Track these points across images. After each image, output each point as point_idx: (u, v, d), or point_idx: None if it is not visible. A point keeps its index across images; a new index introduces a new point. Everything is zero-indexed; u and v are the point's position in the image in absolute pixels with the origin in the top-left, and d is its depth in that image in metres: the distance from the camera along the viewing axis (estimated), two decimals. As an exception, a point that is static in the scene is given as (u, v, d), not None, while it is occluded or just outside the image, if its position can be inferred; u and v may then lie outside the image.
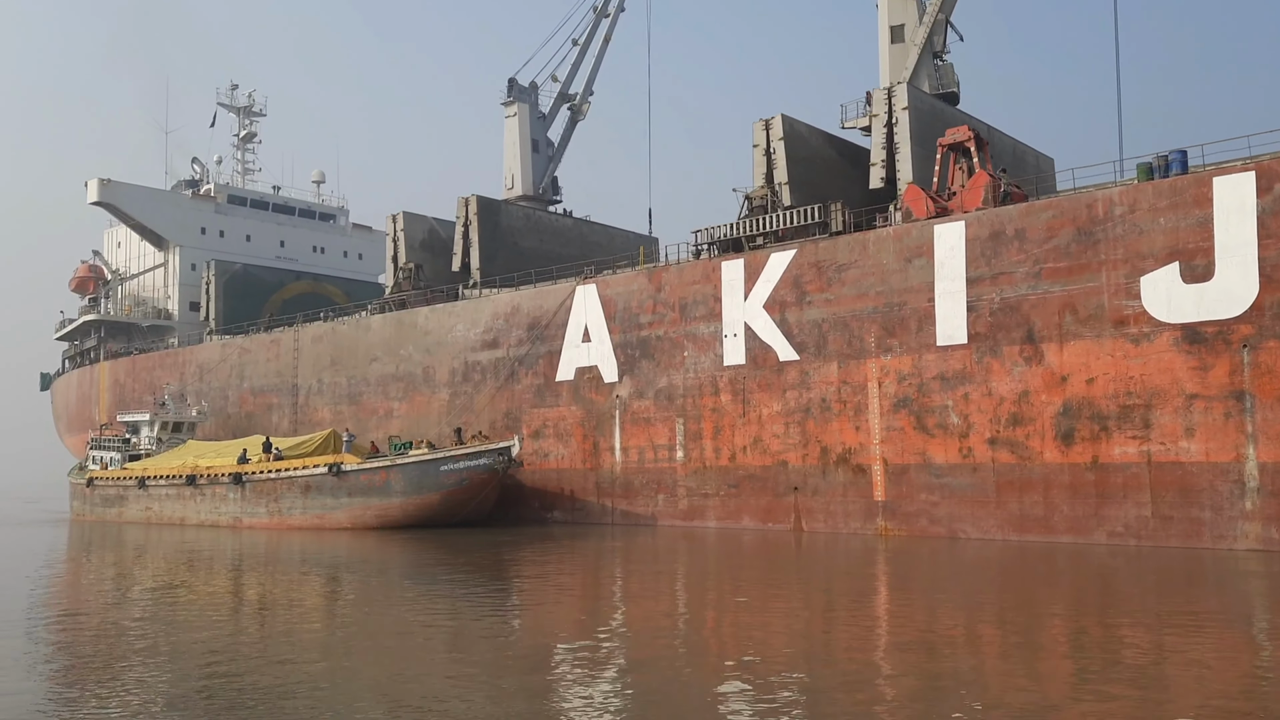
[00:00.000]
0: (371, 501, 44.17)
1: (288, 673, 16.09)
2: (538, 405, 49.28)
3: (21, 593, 27.34)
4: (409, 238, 63.02)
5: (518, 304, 50.69)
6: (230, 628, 21.25)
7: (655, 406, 44.67)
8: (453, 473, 43.34)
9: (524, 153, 67.50)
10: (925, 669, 16.11)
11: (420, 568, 32.94)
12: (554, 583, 29.05)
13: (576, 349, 47.86)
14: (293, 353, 61.53)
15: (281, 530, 45.50)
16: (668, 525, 43.64)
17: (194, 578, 31.01)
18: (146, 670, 16.56)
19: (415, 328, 55.41)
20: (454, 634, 20.25)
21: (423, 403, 54.43)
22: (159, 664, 17.10)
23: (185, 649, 18.29)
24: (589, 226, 69.65)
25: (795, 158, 46.40)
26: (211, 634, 20.05)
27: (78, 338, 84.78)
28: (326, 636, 20.11)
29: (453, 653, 18.09)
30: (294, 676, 15.80)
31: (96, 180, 77.65)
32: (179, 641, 19.21)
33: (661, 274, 45.11)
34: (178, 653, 17.99)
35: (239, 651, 18.06)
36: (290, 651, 18.03)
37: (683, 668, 16.43)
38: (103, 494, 55.18)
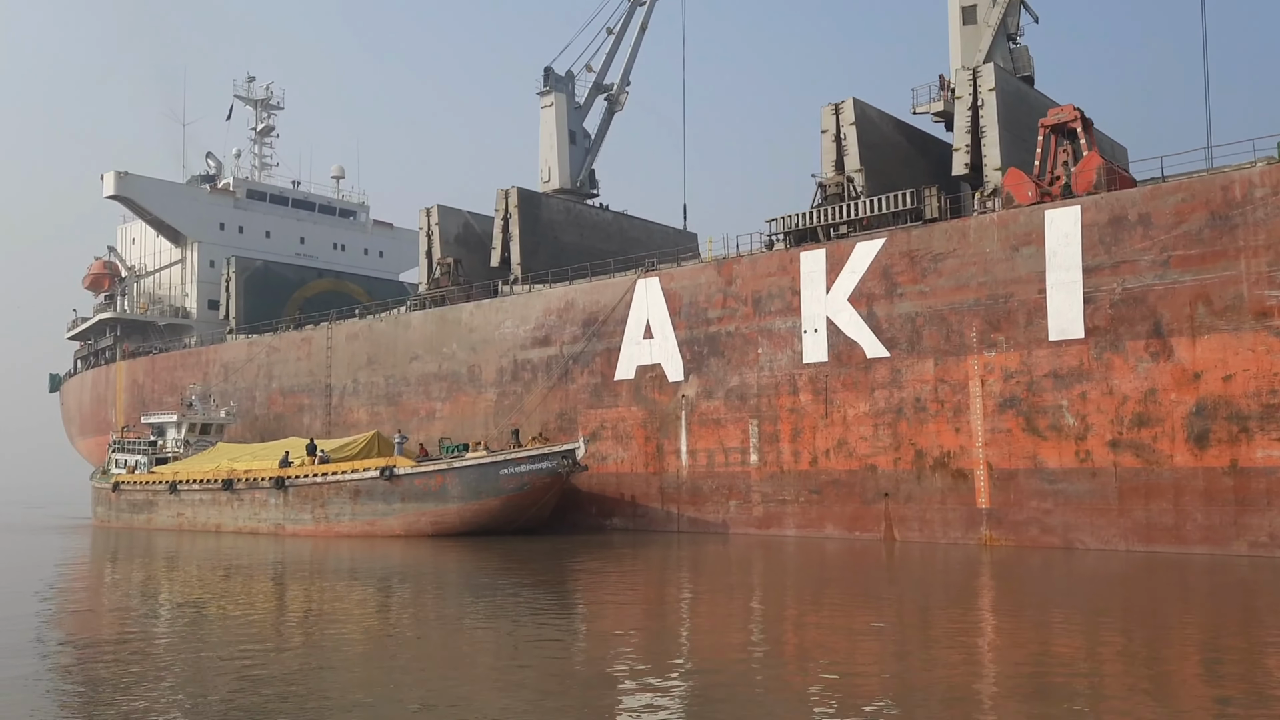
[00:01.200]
0: (426, 507, 41.46)
1: (332, 693, 15.00)
2: (594, 405, 46.61)
3: (52, 604, 24.67)
4: (444, 232, 60.29)
5: (572, 299, 48.04)
6: (272, 643, 19.47)
7: (726, 407, 42.04)
8: (513, 476, 40.66)
9: (561, 144, 64.81)
10: (1037, 697, 14.38)
11: (478, 578, 30.47)
12: (620, 595, 26.76)
13: (637, 346, 45.22)
14: (325, 351, 58.79)
15: (328, 538, 42.76)
16: (740, 533, 41.00)
17: (232, 588, 28.59)
18: (181, 692, 15.13)
19: (459, 324, 52.73)
20: (513, 652, 18.50)
21: (467, 403, 51.73)
22: (194, 682, 15.82)
23: (222, 667, 16.95)
24: (629, 221, 67.03)
25: (866, 144, 43.88)
26: (250, 649, 18.58)
27: (91, 337, 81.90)
28: (376, 653, 18.45)
29: (510, 674, 16.59)
30: (338, 697, 14.70)
31: (113, 173, 74.88)
32: (214, 658, 17.73)
33: (733, 266, 42.50)
34: (214, 669, 16.79)
35: (281, 669, 16.56)
36: (336, 670, 16.75)
37: (761, 690, 15.06)
38: (130, 499, 52.36)
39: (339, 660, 17.71)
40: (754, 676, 15.96)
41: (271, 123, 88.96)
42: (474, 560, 34.73)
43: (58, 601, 26.44)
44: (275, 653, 18.40)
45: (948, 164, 48.91)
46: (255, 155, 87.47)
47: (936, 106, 46.94)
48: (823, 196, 42.74)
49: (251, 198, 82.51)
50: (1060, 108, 37.17)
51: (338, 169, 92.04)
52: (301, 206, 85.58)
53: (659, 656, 17.82)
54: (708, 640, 19.88)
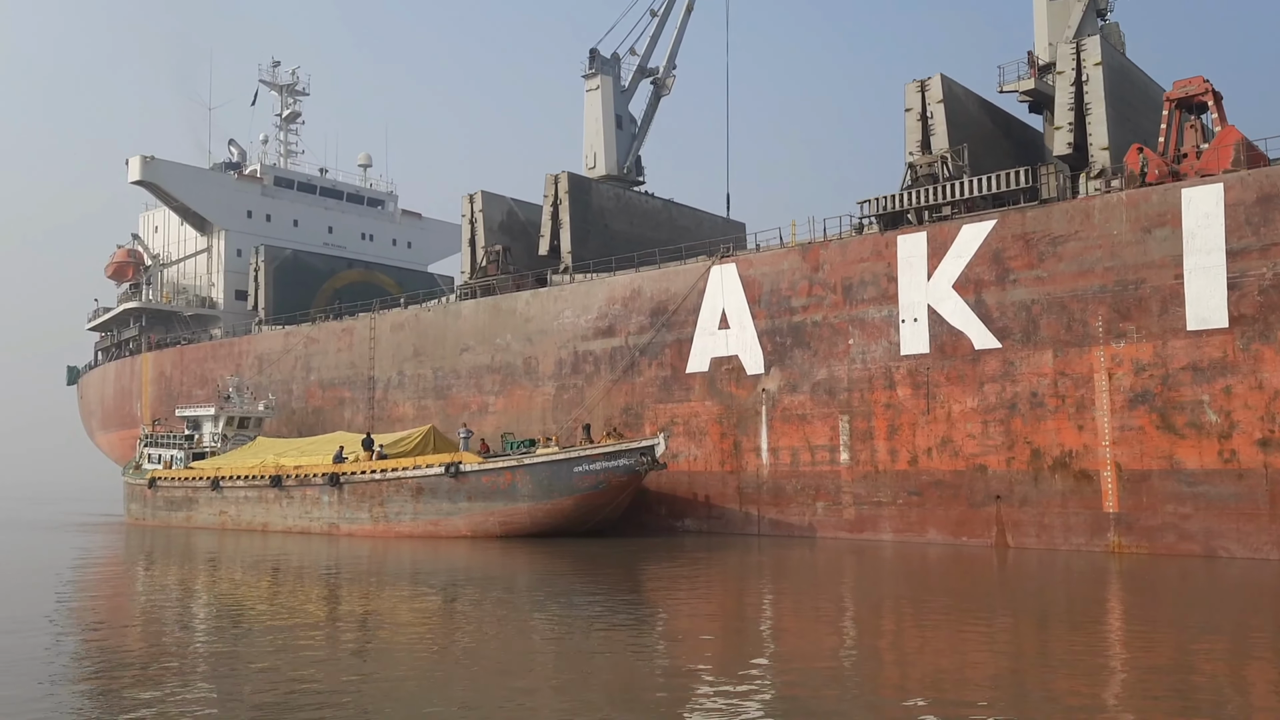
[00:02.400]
0: (495, 506, 38.80)
1: (386, 711, 13.47)
2: (664, 400, 43.95)
3: (88, 609, 22.02)
4: (488, 219, 57.66)
5: (639, 286, 45.37)
6: (323, 651, 17.81)
7: (812, 401, 39.39)
8: (588, 474, 37.99)
9: (607, 129, 62.12)
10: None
11: (550, 585, 28.00)
12: (703, 605, 24.50)
13: (712, 337, 42.55)
14: (368, 342, 56.12)
15: (387, 538, 40.12)
16: (829, 537, 38.35)
17: (280, 593, 26.21)
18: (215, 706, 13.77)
19: (515, 314, 50.06)
20: (584, 664, 16.77)
21: (523, 397, 49.07)
22: (231, 698, 14.26)
23: (264, 677, 15.54)
24: (678, 209, 64.45)
25: (954, 123, 41.29)
26: (303, 657, 17.02)
27: (114, 328, 79.21)
28: (441, 663, 16.83)
29: (578, 690, 14.90)
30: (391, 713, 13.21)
31: (139, 158, 72.20)
32: (254, 670, 16.17)
33: (819, 251, 39.83)
34: (255, 680, 15.36)
35: (328, 684, 14.93)
36: (392, 684, 14.99)
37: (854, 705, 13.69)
38: (167, 496, 49.70)
39: (396, 674, 15.67)
40: (847, 694, 14.39)
41: (297, 109, 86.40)
42: (544, 564, 32.29)
43: (93, 605, 23.81)
44: (326, 662, 16.71)
45: (1032, 146, 46.40)
46: (281, 142, 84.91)
47: (1026, 84, 44.36)
48: (913, 177, 40.08)
49: (279, 185, 79.93)
50: (1188, 80, 34.51)
51: (365, 157, 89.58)
52: (329, 195, 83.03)
53: (744, 670, 16.04)
54: (797, 651, 17.99)
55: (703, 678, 15.56)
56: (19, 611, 22.68)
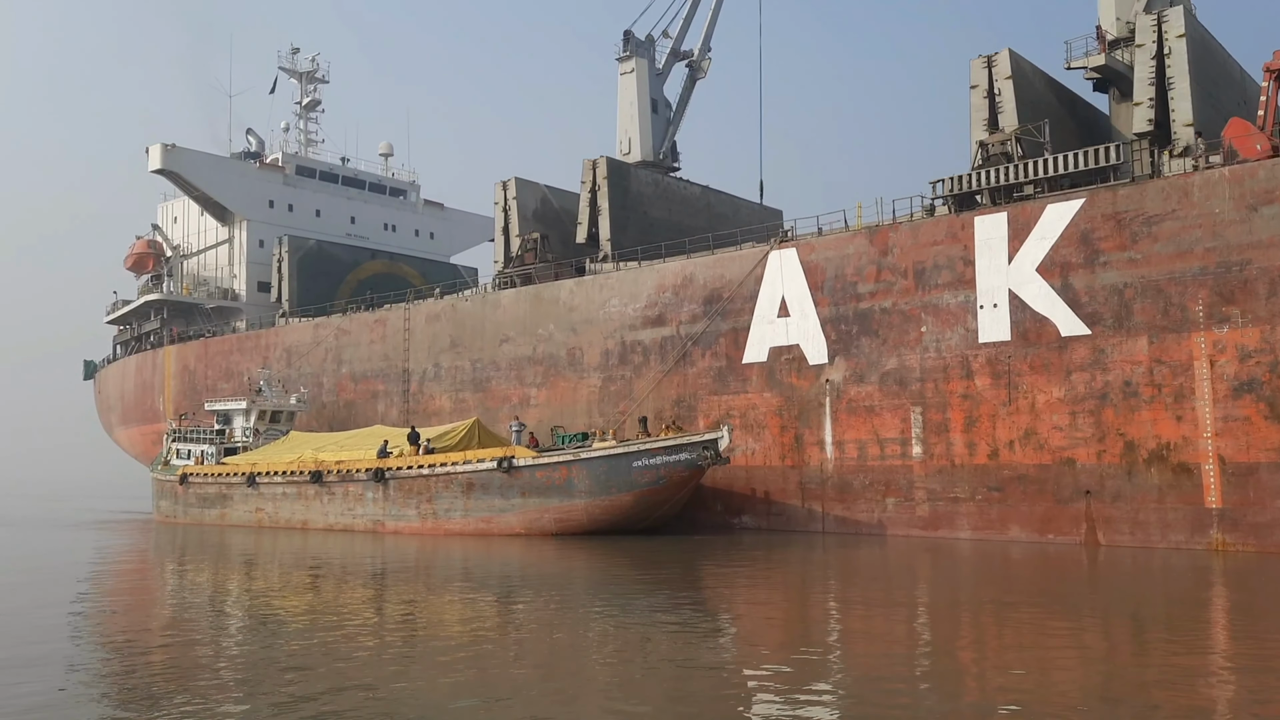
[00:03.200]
0: (550, 503, 37.02)
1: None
2: (718, 391, 42.14)
3: (122, 612, 20.28)
4: (521, 206, 55.84)
5: (691, 273, 43.53)
6: (370, 650, 16.80)
7: (881, 392, 37.54)
8: (648, 469, 36.20)
9: (642, 113, 60.27)
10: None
11: (610, 585, 26.33)
12: (770, 606, 23.24)
13: (770, 325, 40.72)
14: (403, 333, 54.35)
15: (436, 536, 38.37)
16: (901, 535, 36.54)
17: (321, 594, 24.68)
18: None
19: (558, 303, 48.24)
20: (649, 676, 15.15)
21: (567, 389, 47.27)
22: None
23: (302, 681, 14.52)
24: (715, 196, 62.62)
25: (1021, 100, 39.42)
26: (351, 664, 15.81)
27: (133, 320, 77.45)
28: (498, 671, 15.29)
29: (651, 701, 13.52)
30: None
31: (159, 146, 70.32)
32: (292, 678, 14.82)
33: (888, 234, 37.95)
34: (291, 684, 14.29)
35: (374, 696, 13.60)
36: (452, 692, 13.88)
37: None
38: (200, 493, 47.97)
39: (450, 682, 14.40)
40: (922, 705, 13.13)
41: (317, 96, 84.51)
42: (602, 563, 30.67)
43: (132, 611, 22.05)
44: (371, 665, 15.70)
45: (1095, 125, 44.50)
46: (300, 131, 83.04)
47: (1096, 60, 42.37)
48: (984, 157, 38.21)
49: (300, 174, 78.12)
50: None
51: (386, 146, 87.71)
52: (351, 184, 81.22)
53: (814, 679, 14.74)
54: (869, 657, 16.66)
55: (771, 687, 14.29)
56: (53, 619, 21.09)
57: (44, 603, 23.75)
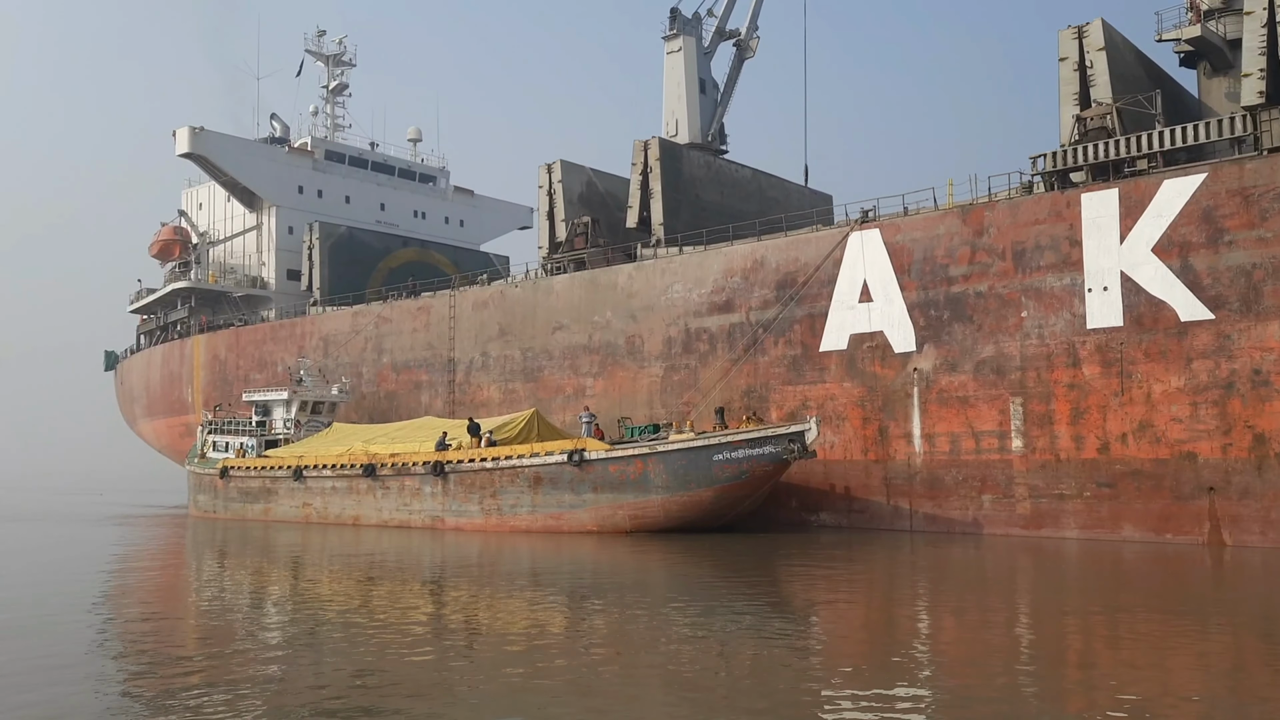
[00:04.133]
0: (624, 498, 34.80)
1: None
2: (793, 381, 39.87)
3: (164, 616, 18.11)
4: (567, 190, 53.59)
5: (762, 256, 41.25)
6: (429, 659, 15.37)
7: (976, 382, 35.26)
8: (729, 463, 33.96)
9: (690, 94, 57.95)
10: None
11: (691, 589, 24.20)
12: (861, 610, 21.19)
13: (851, 311, 38.44)
14: (448, 321, 52.13)
15: (500, 533, 36.19)
16: (999, 534, 34.27)
17: (375, 595, 22.76)
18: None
19: (615, 289, 45.98)
20: (737, 692, 13.49)
21: (626, 379, 45.03)
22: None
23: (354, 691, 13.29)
24: (767, 180, 60.31)
25: (1114, 74, 37.07)
26: (404, 671, 14.48)
27: (158, 309, 75.30)
28: (577, 682, 13.89)
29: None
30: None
31: (187, 129, 68.19)
32: (343, 689, 13.51)
33: (984, 213, 35.63)
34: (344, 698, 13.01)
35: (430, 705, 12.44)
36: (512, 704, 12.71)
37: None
38: (242, 486, 45.80)
39: (524, 695, 13.14)
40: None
41: (344, 80, 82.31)
42: (681, 564, 28.59)
43: (169, 612, 19.93)
44: (425, 673, 14.38)
45: (1179, 101, 42.10)
46: (328, 115, 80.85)
47: (1190, 32, 39.92)
48: (1081, 131, 35.89)
49: (330, 159, 75.97)
50: None
51: (414, 131, 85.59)
52: (381, 170, 79.08)
53: (911, 693, 13.23)
54: (967, 667, 14.99)
55: (863, 702, 12.74)
56: (96, 628, 19.06)
57: (85, 605, 21.64)
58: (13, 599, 22.21)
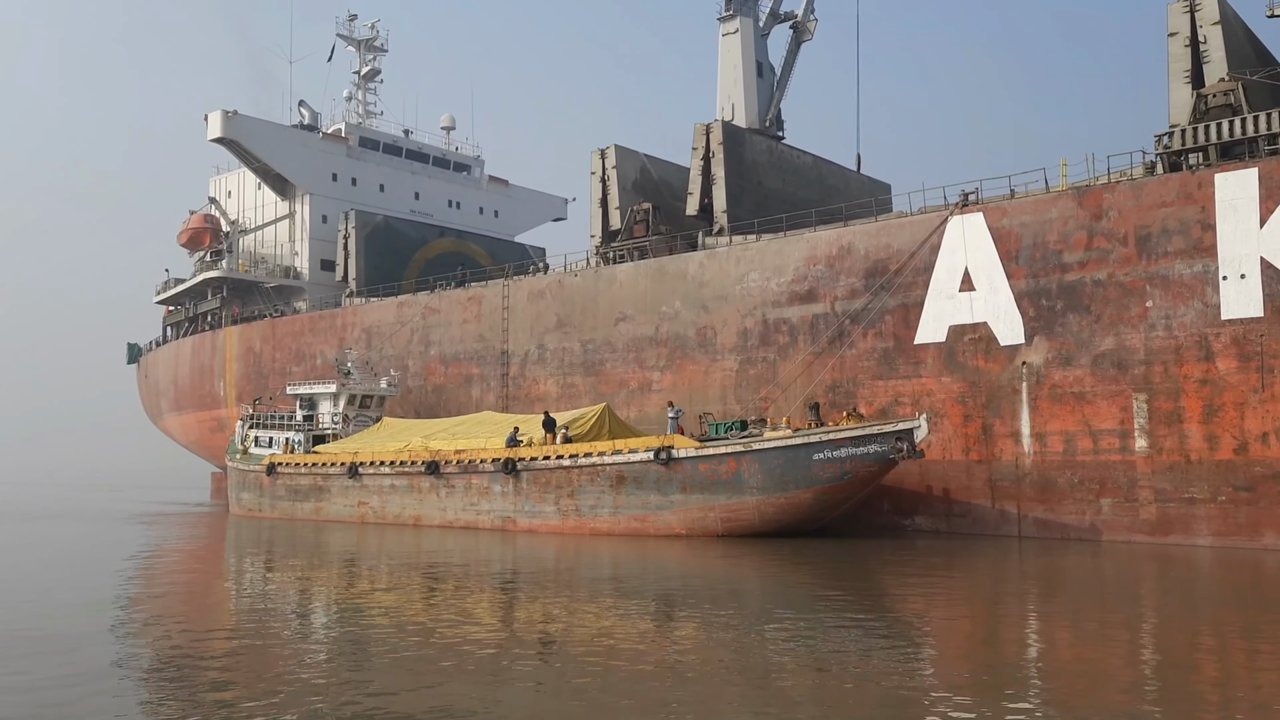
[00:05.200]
0: (715, 500, 32.34)
1: None
2: (884, 376, 37.40)
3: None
4: (621, 176, 51.13)
5: (849, 243, 38.76)
6: (496, 675, 13.97)
7: (1094, 377, 32.73)
8: (831, 463, 31.48)
9: (747, 77, 55.47)
10: None
11: (787, 597, 22.26)
12: (977, 623, 19.08)
13: (951, 300, 35.94)
14: (501, 312, 49.69)
15: (579, 535, 33.75)
16: (1120, 541, 31.76)
17: (439, 602, 20.91)
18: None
19: (685, 278, 43.52)
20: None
21: (696, 372, 42.57)
22: None
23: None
24: (827, 167, 57.87)
25: (1229, 50, 34.60)
26: (468, 687, 13.06)
27: (187, 300, 72.95)
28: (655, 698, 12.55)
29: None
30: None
31: (220, 113, 65.77)
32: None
33: (1102, 195, 33.10)
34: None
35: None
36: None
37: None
38: (291, 484, 43.38)
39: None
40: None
41: (377, 65, 79.91)
42: (776, 571, 26.38)
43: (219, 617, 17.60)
44: (492, 689, 13.13)
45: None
46: (359, 101, 78.45)
47: (1311, 6, 37.44)
48: (1203, 109, 33.40)
49: (364, 146, 73.60)
50: None
51: (448, 119, 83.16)
52: (415, 158, 76.71)
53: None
54: (1090, 689, 13.16)
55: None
56: (148, 640, 16.95)
57: (141, 615, 19.22)
58: (52, 609, 19.86)
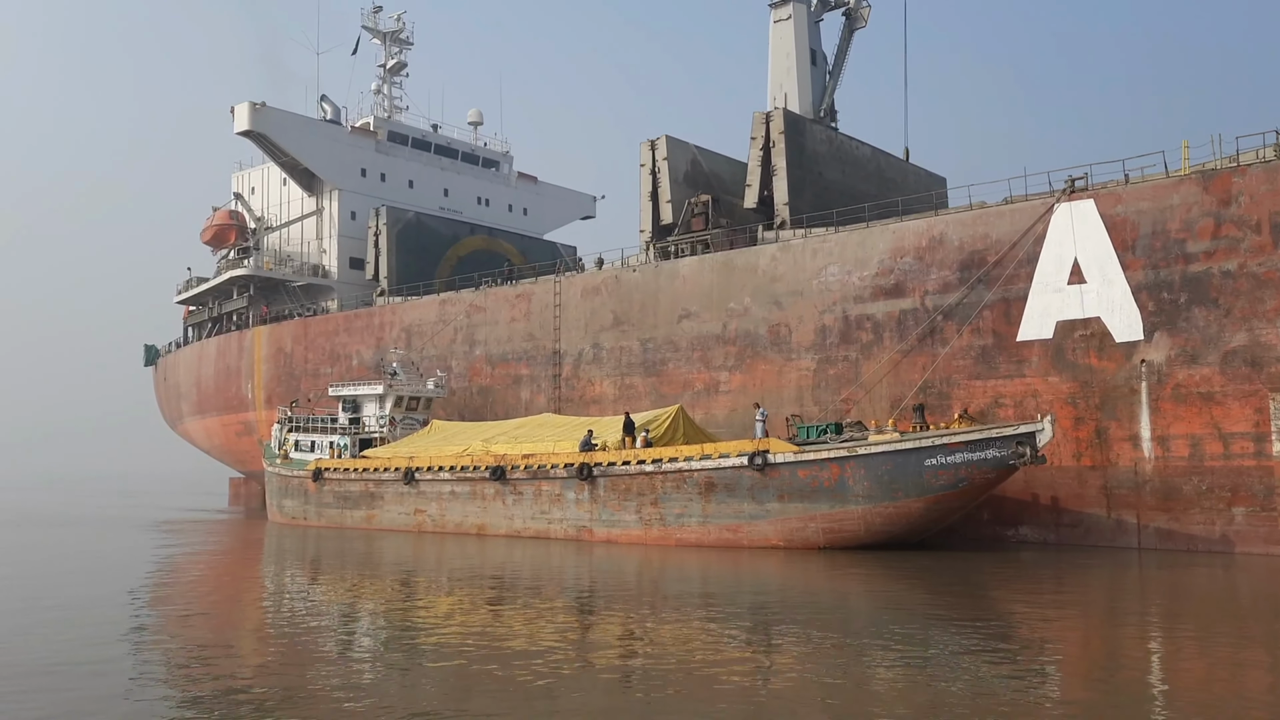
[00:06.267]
0: (816, 508, 29.75)
1: None
2: (982, 375, 34.86)
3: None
4: (673, 169, 48.66)
5: (941, 233, 36.25)
6: (576, 703, 12.49)
7: (1224, 376, 30.19)
8: (944, 469, 28.91)
9: (800, 65, 52.98)
10: None
11: (895, 616, 19.89)
12: (1097, 647, 17.28)
13: (1058, 294, 33.40)
14: (552, 309, 47.15)
15: (664, 547, 31.17)
16: (1257, 554, 29.18)
17: (507, 619, 18.93)
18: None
19: (756, 272, 41.00)
20: None
21: (769, 372, 40.02)
22: None
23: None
24: (885, 159, 55.39)
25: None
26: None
27: (211, 300, 70.37)
28: None
29: None
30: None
31: (247, 105, 63.25)
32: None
33: (1231, 179, 30.59)
34: None
35: None
36: None
37: None
38: (339, 490, 40.78)
39: None
40: None
41: (403, 59, 77.48)
42: (884, 588, 24.05)
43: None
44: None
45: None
46: (384, 96, 76.02)
47: None
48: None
49: (393, 140, 71.14)
50: None
51: (475, 113, 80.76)
52: (444, 154, 74.26)
53: None
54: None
55: None
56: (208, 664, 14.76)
57: (200, 638, 16.67)
58: (89, 635, 17.38)
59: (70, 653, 15.62)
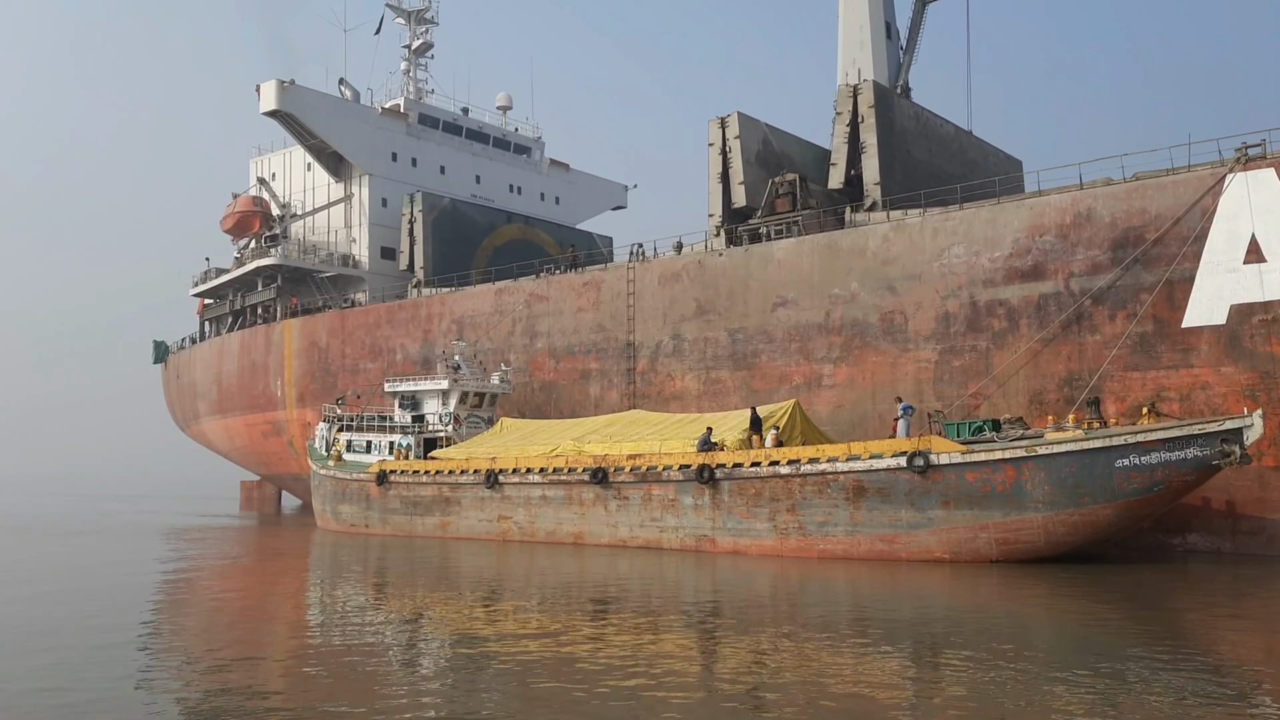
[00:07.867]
0: (988, 516, 25.95)
1: None
2: (1141, 366, 31.18)
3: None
4: (745, 148, 44.94)
5: (1088, 208, 32.57)
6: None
7: None
8: (1139, 471, 25.17)
9: (875, 37, 49.34)
10: None
11: (1081, 638, 16.97)
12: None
13: (1231, 275, 29.77)
14: (625, 298, 43.25)
15: (804, 559, 27.31)
16: None
17: (630, 642, 16.01)
18: None
19: (864, 254, 37.26)
20: None
21: (881, 365, 36.27)
22: None
23: None
24: (968, 140, 51.86)
25: None
26: None
27: (232, 291, 66.12)
28: None
29: None
30: None
31: (274, 83, 59.19)
32: None
33: None
34: None
35: None
36: None
37: None
38: (407, 495, 36.72)
39: None
40: None
41: (429, 39, 73.52)
42: (1065, 605, 20.67)
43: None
44: None
45: None
46: (411, 78, 71.96)
47: None
48: None
49: (424, 124, 67.14)
50: None
51: (504, 97, 76.98)
52: (475, 138, 70.37)
53: None
54: None
55: None
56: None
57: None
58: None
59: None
